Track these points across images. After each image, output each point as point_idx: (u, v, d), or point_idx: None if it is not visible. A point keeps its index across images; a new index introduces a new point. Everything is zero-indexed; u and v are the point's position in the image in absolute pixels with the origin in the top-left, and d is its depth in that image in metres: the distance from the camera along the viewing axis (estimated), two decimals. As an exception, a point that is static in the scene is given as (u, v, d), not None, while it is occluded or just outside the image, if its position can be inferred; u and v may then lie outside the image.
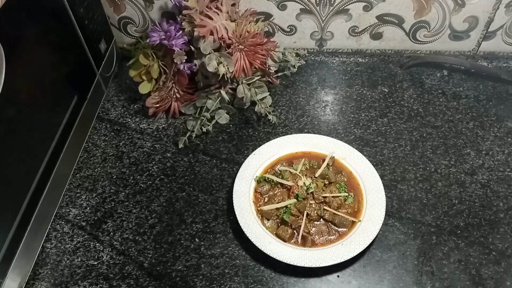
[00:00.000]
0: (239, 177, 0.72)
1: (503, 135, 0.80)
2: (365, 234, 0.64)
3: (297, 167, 0.72)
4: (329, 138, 0.77)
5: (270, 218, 0.68)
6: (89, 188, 0.75)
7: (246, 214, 0.67)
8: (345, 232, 0.66)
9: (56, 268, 0.65)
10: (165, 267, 0.65)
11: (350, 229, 0.66)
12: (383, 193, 0.69)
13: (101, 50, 0.88)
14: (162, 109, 0.84)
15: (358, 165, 0.73)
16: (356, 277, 0.63)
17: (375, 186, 0.70)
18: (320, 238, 0.66)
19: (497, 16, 0.88)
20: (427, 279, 0.62)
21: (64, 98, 0.76)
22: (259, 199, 0.70)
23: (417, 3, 0.87)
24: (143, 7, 0.90)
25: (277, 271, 0.64)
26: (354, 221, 0.66)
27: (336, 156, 0.74)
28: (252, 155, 0.75)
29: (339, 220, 0.66)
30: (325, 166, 0.72)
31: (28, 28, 0.65)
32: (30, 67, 0.66)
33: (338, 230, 0.66)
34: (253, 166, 0.73)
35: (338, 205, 0.68)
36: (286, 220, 0.66)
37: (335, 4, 0.88)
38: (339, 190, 0.69)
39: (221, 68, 0.76)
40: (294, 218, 0.67)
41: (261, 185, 0.71)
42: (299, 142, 0.77)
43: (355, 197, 0.69)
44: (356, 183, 0.71)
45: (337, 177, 0.72)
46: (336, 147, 0.75)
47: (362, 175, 0.72)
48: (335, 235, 0.66)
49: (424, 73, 0.92)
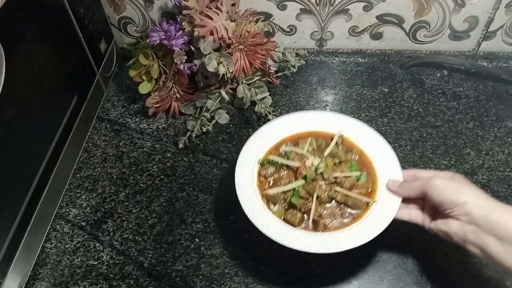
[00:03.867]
0: (241, 161, 0.66)
1: (503, 135, 0.80)
2: (382, 215, 0.59)
3: (304, 146, 0.67)
4: (336, 115, 0.72)
5: (276, 202, 0.63)
6: (89, 188, 0.75)
7: (250, 199, 0.62)
8: (359, 214, 0.61)
9: (56, 268, 0.65)
10: (165, 267, 0.65)
11: (365, 210, 0.61)
12: (399, 170, 0.64)
13: (101, 50, 0.88)
14: (162, 109, 0.84)
15: (370, 142, 0.68)
16: (356, 277, 0.63)
17: (389, 164, 0.65)
18: (332, 221, 0.61)
19: (497, 16, 0.88)
20: (427, 279, 0.62)
21: (64, 98, 0.76)
22: (264, 183, 0.65)
23: (417, 3, 0.87)
24: (143, 7, 0.90)
25: (277, 271, 0.64)
26: (368, 202, 0.62)
27: (345, 134, 0.69)
28: (253, 137, 0.69)
29: (353, 201, 0.62)
30: (334, 145, 0.67)
31: (28, 28, 0.64)
32: (30, 67, 0.66)
33: (351, 213, 0.62)
34: (255, 148, 0.68)
35: (351, 186, 0.63)
36: (294, 203, 0.61)
37: (335, 4, 0.88)
38: (350, 169, 0.64)
39: (221, 68, 0.76)
40: (303, 201, 0.62)
41: (265, 168, 0.66)
42: (304, 120, 0.71)
43: (368, 176, 0.64)
44: (368, 162, 0.66)
45: (348, 156, 0.67)
46: (345, 124, 0.70)
47: (375, 152, 0.67)
48: (349, 218, 0.61)
49: (424, 73, 0.92)
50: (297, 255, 0.64)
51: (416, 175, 0.62)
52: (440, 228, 0.55)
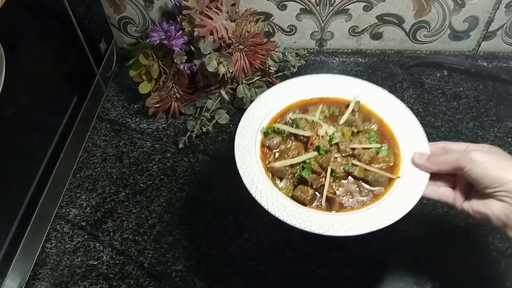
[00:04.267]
0: (241, 129, 0.58)
1: (503, 135, 0.80)
2: (407, 192, 0.52)
3: (315, 114, 0.59)
4: (351, 79, 0.63)
5: (283, 177, 0.55)
6: (89, 188, 0.75)
7: (253, 173, 0.54)
8: (381, 192, 0.54)
9: (56, 268, 0.65)
10: (165, 267, 0.65)
11: (387, 188, 0.54)
12: (426, 141, 0.56)
13: (101, 50, 0.88)
14: (162, 109, 0.84)
15: (391, 110, 0.60)
16: (356, 277, 0.63)
17: (414, 134, 0.57)
18: (349, 200, 0.54)
19: (497, 16, 0.88)
20: (427, 279, 0.62)
21: (64, 98, 0.76)
22: (268, 155, 0.57)
23: (417, 3, 0.87)
24: (143, 7, 0.90)
25: (277, 271, 0.64)
26: (391, 178, 0.54)
27: (362, 101, 0.61)
28: (255, 103, 0.61)
29: (373, 176, 0.54)
30: (350, 112, 0.59)
31: (28, 28, 0.65)
32: (30, 67, 0.66)
33: (371, 190, 0.54)
34: (258, 115, 0.60)
35: (370, 159, 0.55)
36: (305, 178, 0.54)
37: (335, 4, 0.88)
38: (369, 141, 0.57)
39: (221, 68, 0.76)
40: (314, 176, 0.54)
41: (270, 138, 0.58)
42: (314, 84, 0.63)
43: (390, 149, 0.57)
44: (389, 132, 0.59)
45: (365, 126, 0.59)
46: (362, 90, 0.62)
47: (396, 122, 0.59)
48: (369, 196, 0.54)
49: (424, 73, 0.92)
50: (297, 255, 0.64)
51: (446, 148, 0.54)
52: (477, 209, 0.48)
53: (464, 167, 0.48)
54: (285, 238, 0.67)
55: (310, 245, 0.66)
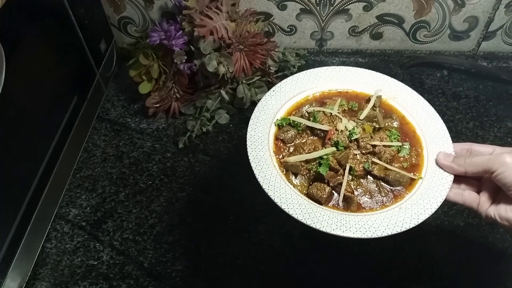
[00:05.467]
0: (254, 120, 0.55)
1: (503, 135, 0.80)
2: (430, 195, 0.49)
3: (333, 107, 0.56)
4: (372, 73, 0.60)
5: (298, 173, 0.52)
6: (89, 188, 0.75)
7: (266, 167, 0.51)
8: (402, 192, 0.51)
9: (56, 268, 0.65)
10: (165, 267, 0.65)
11: (409, 188, 0.51)
12: (450, 141, 0.54)
13: (101, 50, 0.88)
14: (162, 109, 0.84)
15: (414, 107, 0.57)
16: (356, 277, 0.63)
17: (437, 134, 0.55)
18: (368, 200, 0.51)
19: (497, 16, 0.88)
20: (427, 279, 0.62)
21: (64, 98, 0.76)
22: (282, 149, 0.54)
23: (417, 3, 0.87)
24: (143, 7, 0.90)
25: (277, 271, 0.64)
26: (413, 179, 0.52)
27: (383, 96, 0.59)
28: (270, 93, 0.58)
29: (394, 176, 0.51)
30: (371, 107, 0.56)
31: (28, 28, 0.65)
32: (30, 67, 0.66)
33: (392, 190, 0.52)
34: (273, 106, 0.57)
35: (391, 158, 0.53)
36: (322, 175, 0.50)
37: (335, 4, 0.88)
38: (390, 138, 0.54)
39: (221, 68, 0.76)
40: (332, 173, 0.51)
41: (284, 131, 0.55)
42: (332, 77, 0.60)
43: (412, 147, 0.54)
44: (411, 130, 0.56)
45: (386, 123, 0.56)
46: (383, 84, 0.59)
47: (420, 119, 0.56)
48: (389, 196, 0.51)
49: (424, 73, 0.92)
50: (297, 255, 0.64)
51: (472, 149, 0.51)
52: (506, 216, 0.45)
53: (496, 171, 0.45)
54: (285, 238, 0.67)
55: (310, 245, 0.66)
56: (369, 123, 0.56)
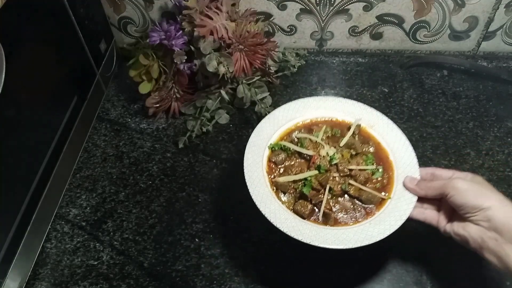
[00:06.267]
0: (251, 144, 0.63)
1: (503, 135, 0.80)
2: (396, 213, 0.56)
3: (318, 134, 0.64)
4: (354, 103, 0.68)
5: (286, 191, 0.60)
6: (89, 188, 0.75)
7: (259, 185, 0.59)
8: (373, 210, 0.59)
9: (56, 268, 0.65)
10: (165, 267, 0.65)
11: (379, 207, 0.59)
12: (417, 167, 0.61)
13: (101, 50, 0.89)
14: (162, 109, 0.84)
15: (388, 135, 0.64)
16: (356, 277, 0.63)
17: (407, 159, 0.61)
18: (344, 216, 0.58)
19: (497, 16, 0.88)
20: (427, 279, 0.62)
21: (64, 98, 0.76)
22: (274, 170, 0.62)
23: (417, 3, 0.87)
24: (143, 7, 0.90)
25: (277, 271, 0.64)
26: (383, 198, 0.59)
27: (362, 124, 0.66)
28: (265, 119, 0.66)
29: (366, 196, 0.59)
30: (351, 135, 0.64)
31: (28, 28, 0.65)
32: (30, 67, 0.66)
33: (365, 208, 0.59)
34: (267, 132, 0.65)
35: (365, 180, 0.60)
36: (305, 194, 0.58)
37: (335, 4, 0.88)
38: (366, 162, 0.62)
39: (221, 68, 0.76)
40: (314, 192, 0.59)
41: (276, 154, 0.63)
42: (319, 106, 0.68)
43: (385, 171, 0.62)
44: (385, 156, 0.63)
45: (364, 148, 0.64)
46: (363, 114, 0.67)
47: (393, 146, 0.63)
48: (361, 213, 0.59)
49: (424, 73, 0.92)
50: (297, 255, 0.64)
51: (434, 174, 0.59)
52: (457, 232, 0.53)
53: (448, 193, 0.53)
54: (285, 238, 0.67)
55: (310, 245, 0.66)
56: (347, 150, 0.63)
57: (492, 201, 0.50)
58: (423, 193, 0.57)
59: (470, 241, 0.51)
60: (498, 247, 0.49)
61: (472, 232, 0.51)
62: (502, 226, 0.48)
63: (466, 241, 0.52)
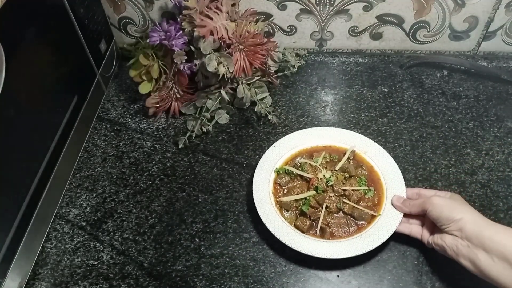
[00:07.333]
0: (259, 168, 0.72)
1: (503, 135, 0.80)
2: (384, 228, 0.64)
3: (317, 160, 0.72)
4: (350, 132, 0.77)
5: (289, 209, 0.68)
6: (89, 188, 0.75)
7: (265, 204, 0.67)
8: (364, 225, 0.66)
9: (56, 268, 0.65)
10: (165, 267, 0.65)
11: (370, 222, 0.66)
12: (404, 187, 0.68)
13: (101, 50, 0.89)
14: (162, 109, 0.84)
15: (380, 159, 0.73)
16: (356, 277, 0.63)
17: (396, 181, 0.70)
18: (338, 230, 0.66)
19: (497, 16, 0.88)
20: (427, 279, 0.62)
21: (64, 98, 0.76)
22: (279, 190, 0.70)
23: (417, 3, 0.87)
24: (143, 7, 0.90)
25: (277, 271, 0.64)
26: (373, 215, 0.66)
27: (357, 150, 0.74)
28: (272, 147, 0.75)
29: (359, 213, 0.67)
30: (346, 160, 0.72)
31: (28, 28, 0.65)
32: (30, 67, 0.66)
33: (357, 223, 0.67)
34: (273, 157, 0.74)
35: (358, 199, 0.68)
36: (305, 211, 0.66)
37: (335, 4, 0.88)
38: (359, 183, 0.70)
39: (221, 68, 0.76)
40: (313, 210, 0.67)
41: (281, 177, 0.71)
42: (320, 135, 0.77)
43: (376, 191, 0.69)
44: (376, 178, 0.71)
45: (358, 171, 0.72)
46: (358, 141, 0.75)
47: (383, 169, 0.72)
48: (354, 228, 0.66)
49: (424, 73, 0.92)
50: (297, 255, 0.64)
51: (420, 193, 0.67)
52: (436, 242, 0.59)
53: (427, 209, 0.60)
54: (285, 238, 0.67)
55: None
56: (342, 173, 0.71)
57: (463, 213, 0.57)
58: (408, 210, 0.65)
59: (447, 250, 0.58)
60: (470, 253, 0.55)
61: (448, 242, 0.58)
62: (472, 233, 0.55)
63: (444, 250, 0.58)
